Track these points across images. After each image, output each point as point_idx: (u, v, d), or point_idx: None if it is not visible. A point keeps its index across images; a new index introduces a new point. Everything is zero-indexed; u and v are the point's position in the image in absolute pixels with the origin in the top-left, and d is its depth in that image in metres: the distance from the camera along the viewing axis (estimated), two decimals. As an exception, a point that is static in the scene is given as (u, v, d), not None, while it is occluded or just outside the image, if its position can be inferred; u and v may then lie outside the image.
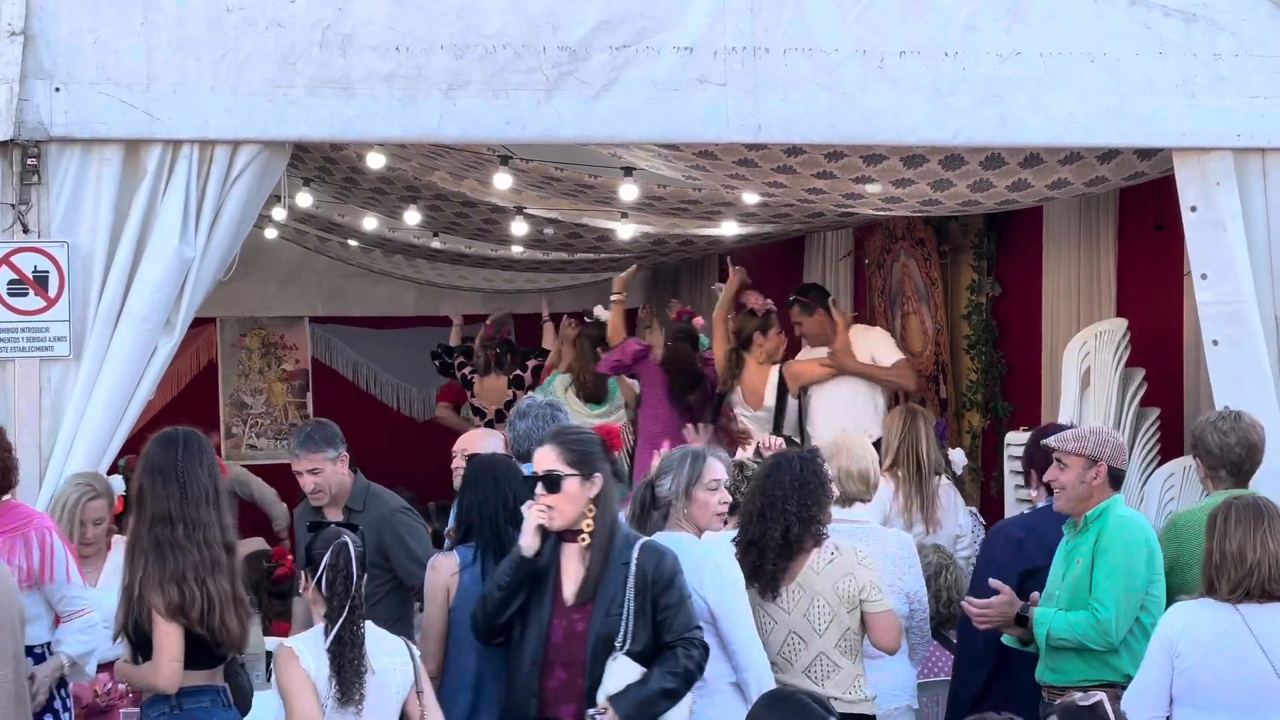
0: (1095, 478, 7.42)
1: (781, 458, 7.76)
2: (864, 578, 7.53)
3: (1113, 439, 7.58)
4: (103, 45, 7.76)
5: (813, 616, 7.51)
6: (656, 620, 6.69)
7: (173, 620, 6.61)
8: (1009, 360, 12.88)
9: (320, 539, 6.80)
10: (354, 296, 18.34)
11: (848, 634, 7.51)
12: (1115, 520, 7.38)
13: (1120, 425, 10.15)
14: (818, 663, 7.50)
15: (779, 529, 7.51)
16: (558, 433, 7.01)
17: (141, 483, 6.79)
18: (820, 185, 9.96)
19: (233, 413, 18.45)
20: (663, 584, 6.70)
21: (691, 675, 6.71)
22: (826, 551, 7.56)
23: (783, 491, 7.55)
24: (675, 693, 6.68)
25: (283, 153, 8.16)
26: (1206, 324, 8.63)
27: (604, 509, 6.79)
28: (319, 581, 6.66)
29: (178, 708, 6.72)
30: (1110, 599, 7.23)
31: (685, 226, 13.86)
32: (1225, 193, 8.49)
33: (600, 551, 6.77)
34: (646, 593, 6.69)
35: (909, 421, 10.09)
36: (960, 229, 13.04)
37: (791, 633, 7.54)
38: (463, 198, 13.25)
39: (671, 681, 6.66)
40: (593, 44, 8.09)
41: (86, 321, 7.81)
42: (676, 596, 6.72)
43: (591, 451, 6.83)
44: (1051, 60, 8.39)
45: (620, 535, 6.80)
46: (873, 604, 7.52)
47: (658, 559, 6.74)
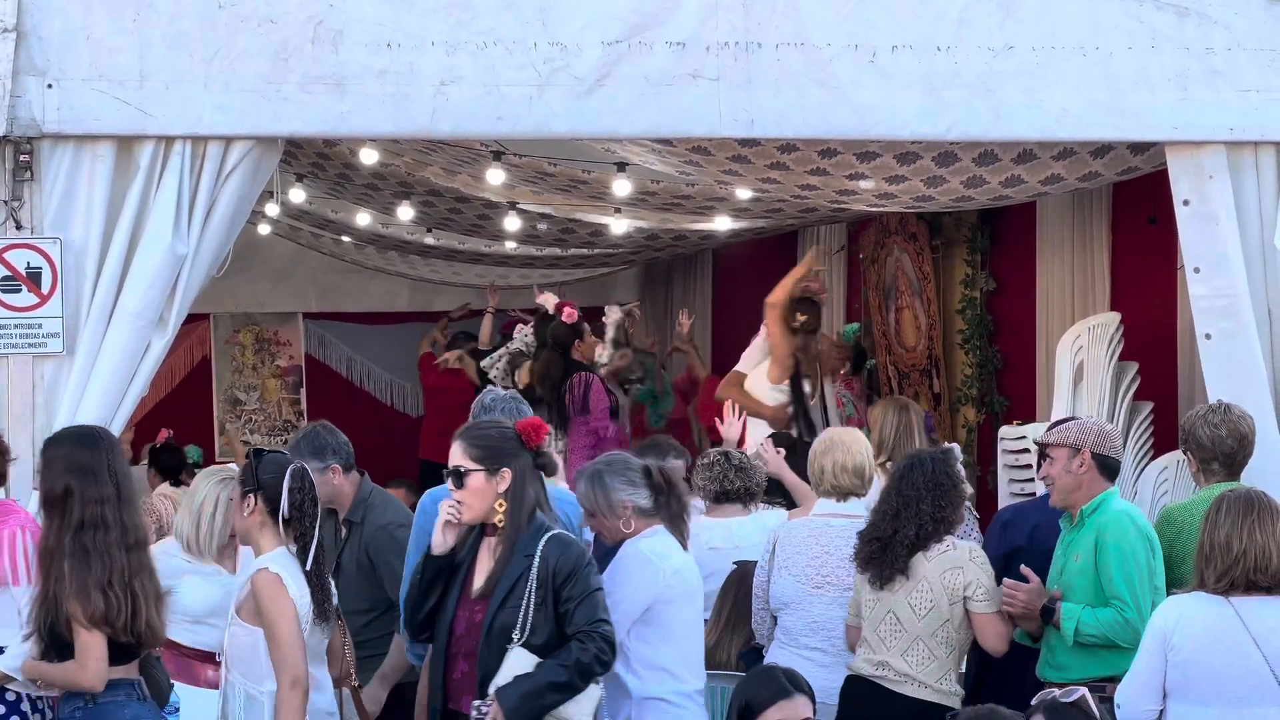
0: (1081, 467, 7.44)
1: (915, 458, 7.79)
2: (972, 574, 7.54)
3: (1096, 427, 7.61)
4: (95, 42, 7.76)
5: (915, 601, 7.52)
6: (559, 613, 6.62)
7: (96, 629, 6.58)
8: (1003, 354, 12.90)
9: (266, 464, 6.86)
10: (347, 293, 18.34)
11: (946, 625, 7.52)
12: (1114, 516, 7.39)
13: (1113, 419, 10.16)
14: (914, 648, 7.52)
15: (912, 528, 7.54)
16: (466, 428, 6.99)
17: (68, 484, 6.68)
18: (813, 182, 9.97)
19: (226, 409, 18.45)
20: (564, 576, 6.61)
21: (587, 669, 6.58)
22: (944, 544, 7.58)
23: (916, 492, 7.57)
24: (565, 686, 6.56)
25: (275, 149, 8.15)
26: (1199, 318, 8.63)
27: (515, 503, 6.74)
28: (289, 507, 6.78)
29: (91, 702, 6.69)
30: (1131, 597, 7.27)
31: (678, 221, 13.89)
32: (1218, 186, 8.49)
33: (508, 544, 6.74)
34: (548, 585, 6.61)
35: (900, 415, 10.09)
36: (954, 223, 13.06)
37: (890, 612, 7.55)
38: (456, 193, 13.26)
39: (562, 675, 6.55)
40: (585, 39, 8.08)
41: (80, 318, 7.81)
42: (580, 589, 6.61)
43: (498, 446, 6.80)
44: (1044, 54, 8.38)
45: (532, 527, 6.72)
46: (978, 603, 7.53)
47: (562, 551, 6.65)
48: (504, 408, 8.17)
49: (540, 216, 14.12)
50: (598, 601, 6.67)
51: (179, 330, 8.07)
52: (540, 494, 6.85)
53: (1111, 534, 7.35)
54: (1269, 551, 6.59)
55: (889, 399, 10.84)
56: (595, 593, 6.67)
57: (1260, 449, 8.13)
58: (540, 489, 6.87)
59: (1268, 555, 6.59)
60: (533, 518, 6.77)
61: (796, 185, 10.22)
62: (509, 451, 6.80)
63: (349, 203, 14.56)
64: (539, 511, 6.80)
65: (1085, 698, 5.73)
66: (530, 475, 6.80)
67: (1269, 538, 6.60)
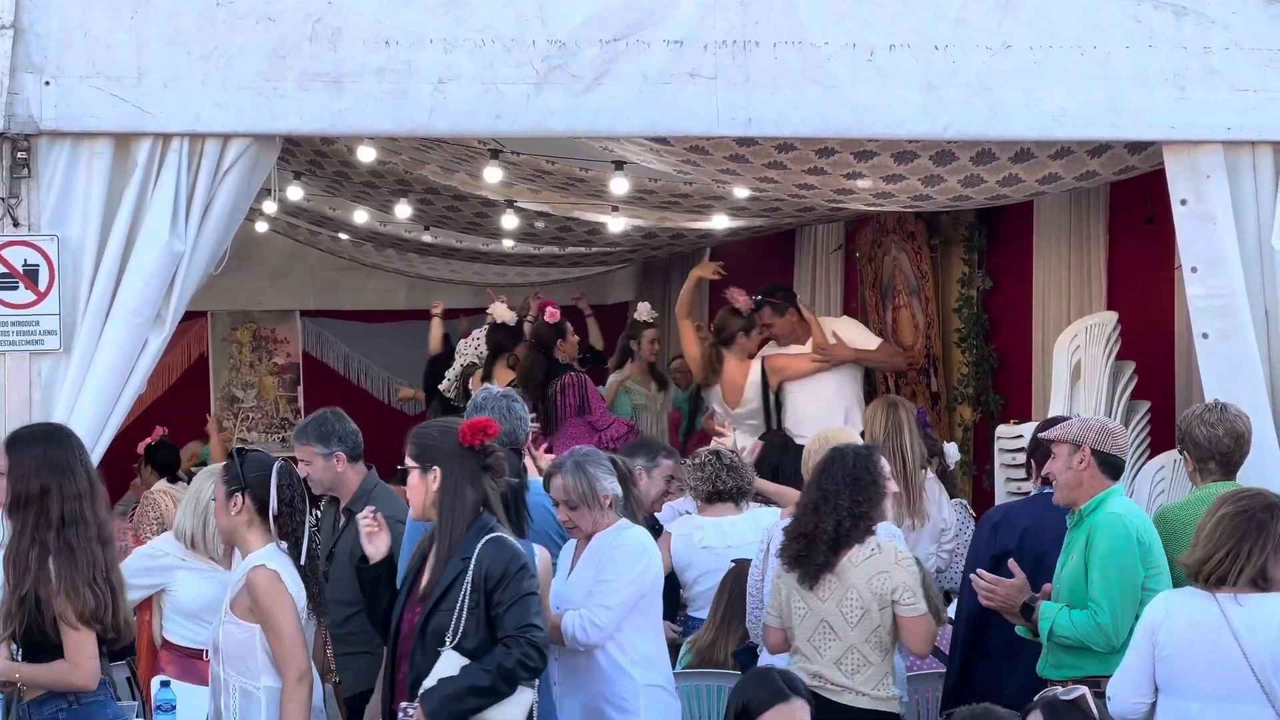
0: (1081, 464, 7.41)
1: (837, 452, 7.79)
2: (899, 578, 7.55)
3: (1098, 425, 7.55)
4: (93, 39, 7.76)
5: (845, 608, 7.54)
6: (490, 617, 6.57)
7: (86, 627, 6.55)
8: (1000, 354, 12.89)
9: (250, 462, 6.87)
10: (345, 290, 18.35)
11: (878, 631, 7.54)
12: (1104, 518, 7.35)
13: (1110, 418, 10.16)
14: (848, 655, 7.54)
15: (831, 522, 7.54)
16: (415, 427, 7.01)
17: (45, 482, 6.61)
18: (811, 181, 9.97)
19: (224, 406, 18.45)
20: (496, 579, 6.55)
21: (510, 674, 6.50)
22: (868, 546, 7.58)
23: (836, 486, 7.58)
24: (487, 690, 6.50)
25: (273, 146, 8.15)
26: (1197, 317, 8.63)
27: (445, 502, 6.73)
28: (279, 504, 6.78)
29: (76, 702, 6.66)
30: (1106, 602, 7.22)
31: (676, 220, 13.89)
32: (1216, 186, 8.49)
33: (441, 545, 6.74)
34: (481, 588, 6.56)
35: (890, 414, 10.09)
36: (951, 222, 13.06)
37: (823, 621, 7.57)
38: (454, 191, 13.26)
39: (483, 679, 6.49)
40: (583, 37, 8.08)
41: (77, 315, 7.81)
42: (511, 593, 6.54)
43: (433, 445, 6.80)
44: (1042, 53, 8.39)
45: (474, 529, 6.67)
46: (905, 606, 7.55)
47: (495, 553, 6.59)
48: (494, 405, 8.18)
49: (538, 215, 14.12)
50: (529, 606, 6.59)
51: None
52: (487, 495, 6.77)
53: (1099, 536, 7.31)
54: (1253, 549, 6.58)
55: (880, 398, 10.84)
56: (527, 597, 6.59)
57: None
58: (488, 490, 6.78)
59: (1252, 553, 6.57)
60: (475, 518, 6.71)
61: (794, 184, 10.21)
62: (443, 451, 6.77)
63: (346, 200, 14.56)
64: (486, 513, 6.74)
65: (1085, 696, 5.73)
66: (467, 476, 6.73)
67: (1258, 536, 6.59)
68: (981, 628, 8.08)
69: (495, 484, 6.81)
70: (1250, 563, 6.50)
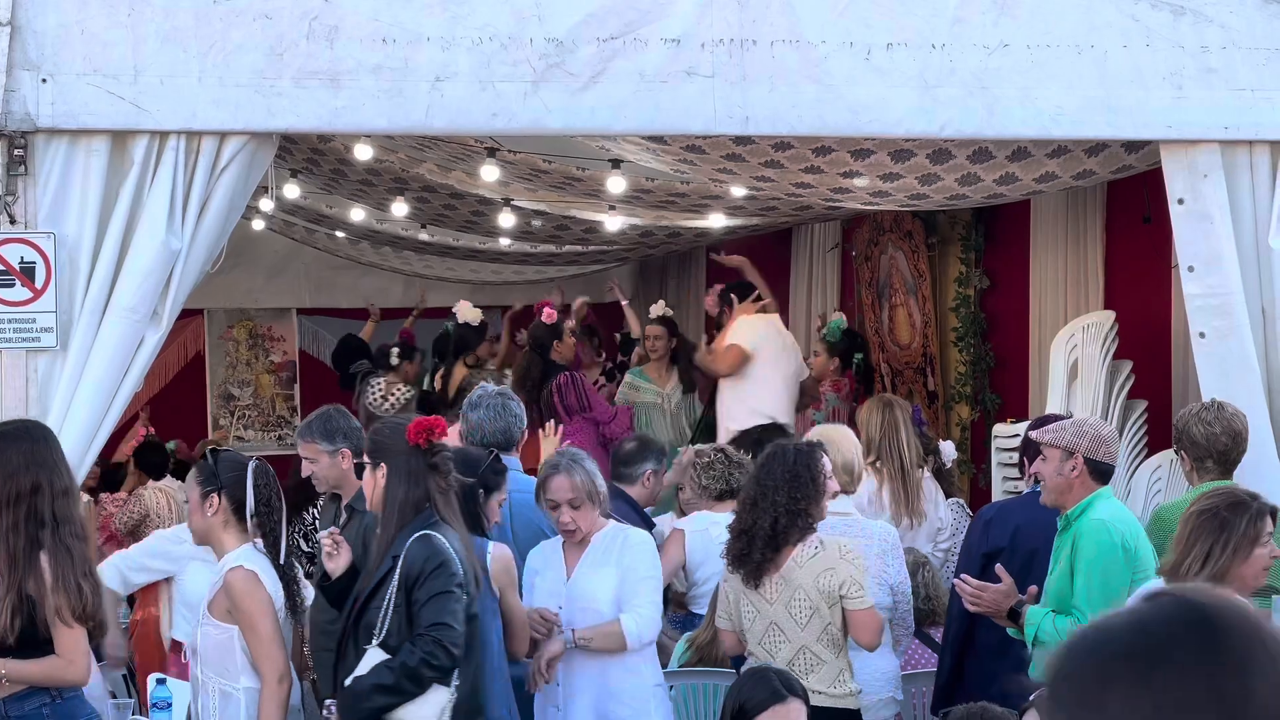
0: (1073, 470, 7.41)
1: (778, 448, 7.78)
2: (845, 573, 7.53)
3: (1092, 431, 7.53)
4: (90, 36, 7.75)
5: (794, 609, 7.52)
6: (410, 614, 6.58)
7: (80, 623, 6.54)
8: (997, 353, 12.91)
9: (225, 462, 6.87)
10: (342, 288, 18.34)
11: (829, 628, 7.52)
12: (1090, 523, 7.34)
13: (1108, 417, 10.17)
14: (800, 656, 7.50)
15: (768, 519, 7.53)
16: (374, 425, 7.11)
17: (36, 479, 6.59)
18: (808, 179, 9.96)
19: (220, 404, 18.45)
20: (414, 577, 6.56)
21: (413, 672, 6.50)
22: (811, 545, 7.56)
23: (774, 482, 7.57)
24: (391, 689, 6.51)
25: (270, 144, 8.15)
26: (1194, 316, 8.63)
27: (388, 500, 6.76)
28: (256, 504, 6.78)
29: (59, 698, 6.64)
30: (1090, 609, 7.21)
31: (673, 219, 13.89)
32: (1213, 185, 8.49)
33: (381, 542, 6.78)
34: (404, 586, 6.58)
35: (886, 413, 10.09)
36: (948, 221, 13.07)
37: (772, 624, 7.55)
38: (450, 189, 13.26)
39: (387, 677, 6.50)
40: (580, 36, 8.08)
41: (73, 313, 7.80)
42: (426, 591, 6.55)
43: (382, 442, 6.86)
44: (1039, 52, 8.39)
45: (410, 527, 6.68)
46: (853, 601, 7.53)
47: (418, 551, 6.60)
48: (490, 404, 8.20)
49: (534, 213, 14.12)
50: (442, 605, 6.56)
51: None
52: (430, 493, 6.77)
53: (1084, 542, 7.32)
54: (1214, 548, 6.60)
55: (875, 397, 10.85)
56: (440, 595, 6.57)
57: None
58: (432, 488, 6.78)
59: (1211, 552, 6.60)
60: (417, 515, 6.72)
61: (791, 183, 10.21)
62: (391, 449, 6.80)
63: (343, 198, 14.56)
64: (428, 510, 6.74)
65: None
66: (412, 473, 6.75)
67: (1220, 534, 6.61)
68: (973, 626, 8.08)
69: (442, 483, 6.81)
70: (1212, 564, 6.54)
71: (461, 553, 6.70)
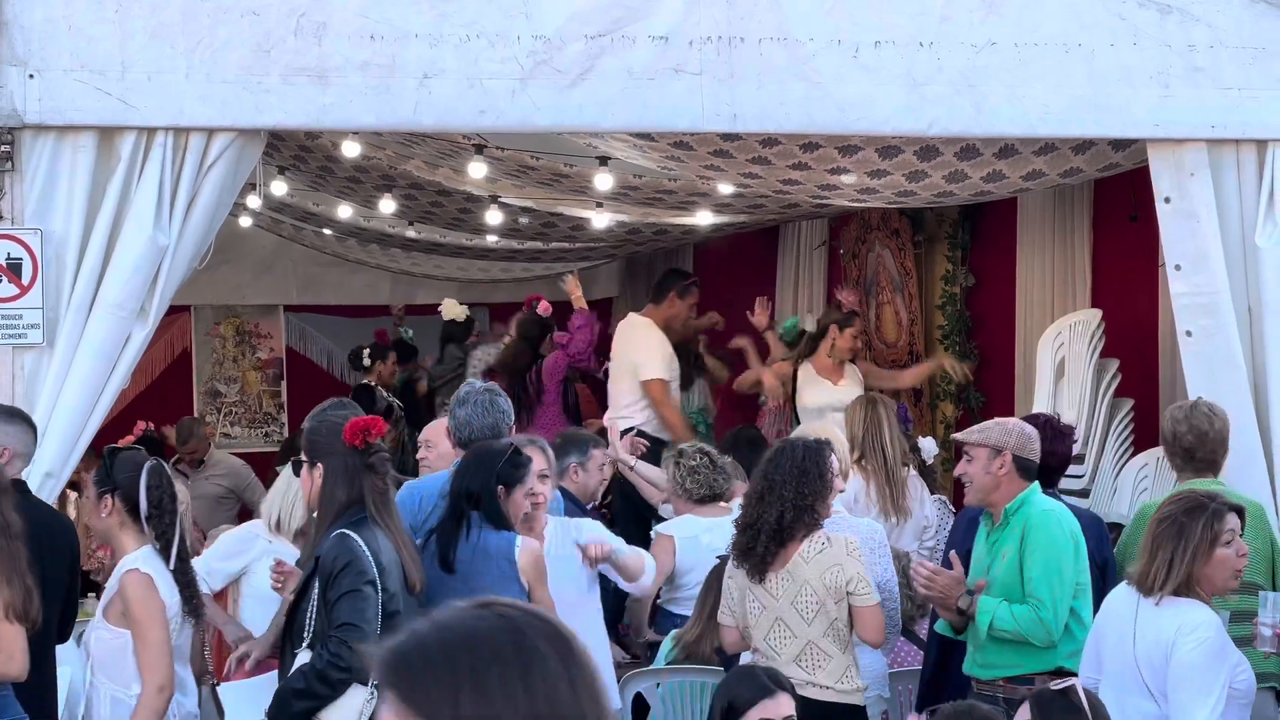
0: (1000, 468, 7.47)
1: (787, 444, 7.80)
2: (852, 570, 7.54)
3: (1018, 429, 7.60)
4: (77, 32, 7.74)
5: (800, 605, 7.52)
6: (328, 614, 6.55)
7: (18, 621, 6.46)
8: (982, 351, 12.91)
9: (121, 463, 6.82)
10: (329, 285, 18.30)
11: (835, 624, 7.52)
12: (1039, 515, 7.40)
13: (1094, 416, 10.19)
14: (807, 652, 7.50)
15: (774, 513, 7.53)
16: (311, 423, 7.03)
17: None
18: (795, 176, 9.97)
19: (207, 401, 18.41)
20: (326, 575, 6.53)
21: (321, 674, 6.44)
22: (818, 541, 7.56)
23: (782, 476, 7.57)
24: (304, 693, 6.46)
25: (257, 141, 8.14)
26: (1180, 315, 8.65)
27: (323, 499, 6.75)
28: (148, 505, 6.74)
29: None
30: (1048, 597, 7.27)
31: (660, 216, 13.87)
32: (1199, 184, 8.51)
33: (314, 543, 6.78)
34: (322, 585, 6.55)
35: (870, 411, 10.10)
36: (935, 219, 13.07)
37: (779, 620, 7.55)
38: (438, 186, 13.24)
39: (299, 681, 6.47)
40: (568, 33, 8.08)
41: (60, 309, 7.79)
42: (335, 591, 6.50)
43: (320, 441, 6.83)
44: (1026, 51, 8.40)
45: (336, 526, 6.65)
46: (859, 597, 7.53)
47: (332, 550, 6.58)
48: (477, 400, 8.19)
49: (522, 210, 14.10)
50: (350, 605, 6.51)
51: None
52: (366, 493, 6.72)
53: (1037, 533, 7.36)
54: (1176, 554, 6.66)
55: (860, 395, 10.85)
56: (348, 594, 6.51)
57: (1239, 445, 8.17)
58: (366, 489, 6.73)
59: (1173, 560, 6.66)
60: (348, 514, 6.68)
61: (778, 180, 10.21)
62: (326, 448, 6.78)
63: (331, 195, 14.53)
64: (361, 510, 6.70)
65: (1075, 688, 5.76)
66: (347, 474, 6.71)
67: (1178, 540, 6.66)
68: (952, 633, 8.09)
69: (379, 483, 6.77)
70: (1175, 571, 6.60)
71: (384, 552, 6.62)
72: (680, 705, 8.59)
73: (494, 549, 7.12)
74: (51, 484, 7.68)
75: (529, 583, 7.15)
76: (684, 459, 9.44)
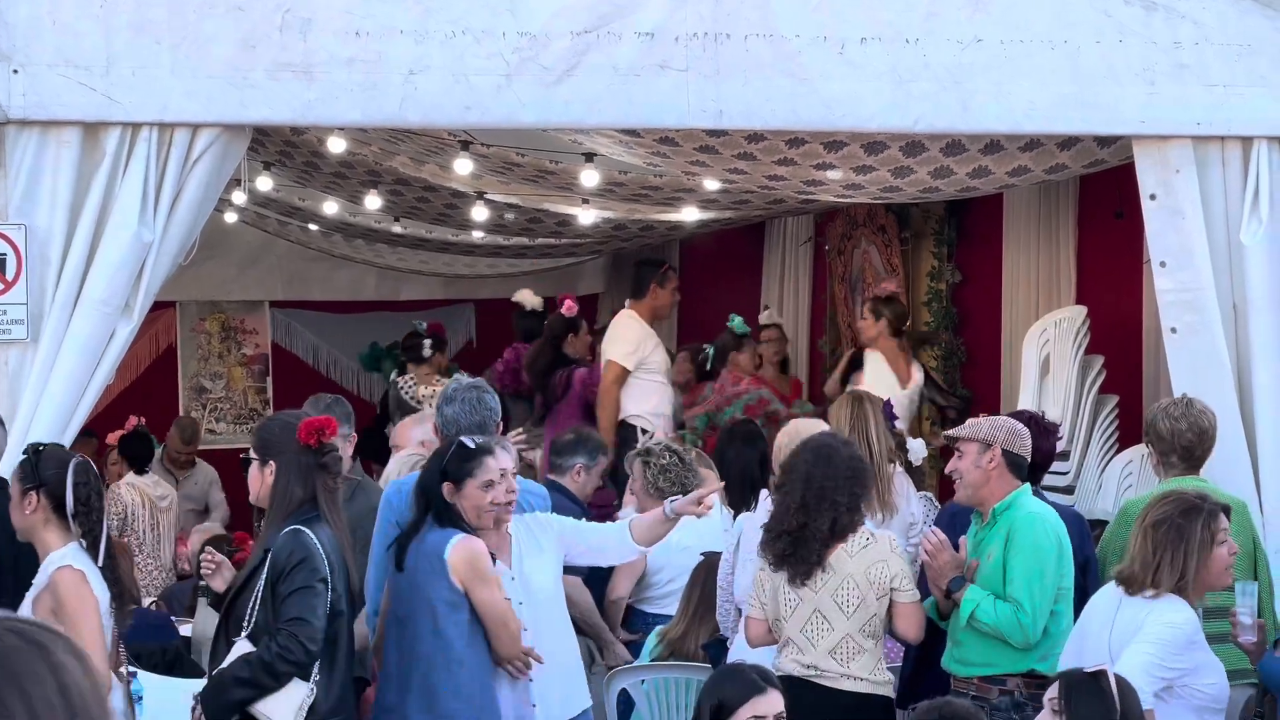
0: (990, 463, 7.47)
1: (824, 446, 7.66)
2: (896, 566, 7.53)
3: (1008, 425, 7.60)
4: (62, 27, 7.72)
5: (841, 599, 7.49)
6: (276, 608, 6.58)
7: None
8: (968, 347, 12.92)
9: (46, 459, 6.78)
10: (315, 281, 18.29)
11: (873, 619, 7.52)
12: (1024, 517, 7.40)
13: (1079, 412, 10.19)
14: (843, 644, 7.47)
15: (827, 521, 7.49)
16: (261, 420, 7.05)
17: None
18: (781, 172, 9.97)
19: (192, 397, 18.39)
20: (278, 570, 6.56)
21: (269, 665, 6.48)
22: (862, 536, 7.55)
23: (834, 482, 7.52)
24: (248, 682, 6.51)
25: (243, 136, 8.13)
26: (1165, 312, 8.66)
27: (275, 497, 6.75)
28: (75, 502, 6.68)
29: None
30: (1029, 600, 7.28)
31: (646, 212, 13.88)
32: (1185, 181, 8.51)
33: (262, 539, 6.79)
34: (271, 579, 6.57)
35: (856, 407, 10.08)
36: (921, 215, 13.08)
37: (817, 612, 7.52)
38: (424, 183, 13.24)
39: (244, 670, 6.50)
40: (553, 29, 8.07)
41: (44, 305, 7.77)
42: (288, 585, 6.53)
43: (271, 440, 6.84)
44: (1012, 47, 8.40)
45: (287, 522, 6.67)
46: (903, 594, 7.53)
47: (285, 545, 6.60)
48: (464, 397, 8.18)
49: (508, 206, 14.10)
50: (302, 600, 6.55)
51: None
52: (317, 493, 6.74)
53: (1021, 536, 7.37)
54: (1175, 556, 6.67)
55: (847, 392, 10.83)
56: (301, 590, 6.55)
57: (1223, 442, 8.17)
58: (319, 488, 6.75)
59: (1162, 563, 6.67)
60: (300, 511, 6.70)
61: (764, 176, 10.21)
62: (280, 447, 6.78)
63: (316, 191, 14.52)
64: (309, 507, 6.72)
65: (1105, 673, 5.77)
66: (300, 472, 6.73)
67: (1179, 543, 6.67)
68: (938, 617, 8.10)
69: (330, 482, 6.80)
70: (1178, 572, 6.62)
71: (333, 551, 6.67)
72: (666, 702, 8.59)
73: (429, 546, 7.13)
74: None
75: (463, 582, 7.06)
76: (653, 458, 9.38)
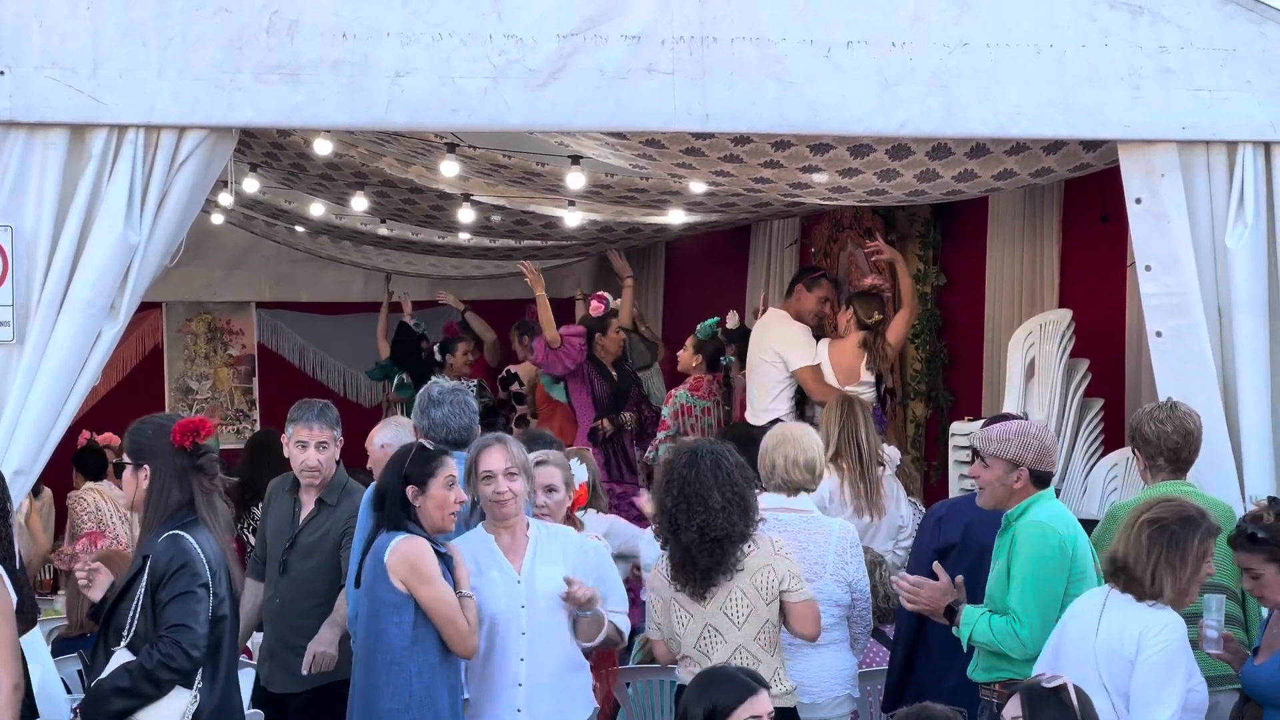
0: (1016, 481, 7.40)
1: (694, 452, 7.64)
2: (782, 568, 7.52)
3: (1037, 442, 7.46)
4: (48, 29, 7.71)
5: (730, 610, 7.48)
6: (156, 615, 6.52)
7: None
8: (951, 350, 12.93)
9: None
10: (301, 282, 18.31)
11: (766, 626, 7.49)
12: (1027, 526, 7.34)
13: (1064, 416, 10.21)
14: (737, 656, 7.43)
15: (696, 522, 7.46)
16: (133, 424, 6.95)
17: None
18: (767, 174, 9.98)
19: (178, 398, 18.40)
20: (158, 576, 6.51)
21: (150, 674, 6.43)
22: (745, 544, 7.54)
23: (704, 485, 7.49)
24: (129, 691, 6.44)
25: (229, 138, 8.12)
26: (1150, 315, 8.67)
27: (150, 502, 6.72)
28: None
29: None
30: (1024, 613, 7.24)
31: (632, 215, 13.89)
32: (1170, 185, 8.53)
33: (139, 543, 6.73)
34: (150, 586, 6.51)
35: (846, 410, 10.10)
36: (907, 219, 13.10)
37: (708, 626, 7.50)
38: (410, 184, 13.24)
39: (124, 679, 6.44)
40: (540, 32, 8.07)
41: (30, 306, 7.76)
42: (168, 592, 6.48)
43: (145, 443, 6.80)
44: (998, 51, 8.41)
45: (164, 527, 6.61)
46: (793, 593, 7.52)
47: (163, 550, 6.54)
48: (451, 401, 8.19)
49: (494, 208, 14.11)
50: (183, 606, 6.50)
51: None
52: (194, 495, 6.72)
53: (1024, 546, 7.31)
54: (1162, 563, 6.68)
55: (837, 394, 10.87)
56: (182, 596, 6.50)
57: (1208, 446, 8.19)
58: (196, 490, 6.73)
59: (1158, 568, 6.68)
60: (178, 515, 6.65)
61: (750, 178, 10.23)
62: (154, 450, 6.75)
63: (303, 193, 14.52)
64: (190, 511, 6.68)
65: (1066, 686, 5.78)
66: (175, 475, 6.70)
67: (1171, 551, 6.68)
68: (923, 623, 8.10)
69: (206, 484, 6.75)
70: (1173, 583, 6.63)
71: (213, 555, 6.63)
72: (652, 704, 8.60)
73: (375, 550, 7.15)
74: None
75: (403, 583, 7.04)
76: None
